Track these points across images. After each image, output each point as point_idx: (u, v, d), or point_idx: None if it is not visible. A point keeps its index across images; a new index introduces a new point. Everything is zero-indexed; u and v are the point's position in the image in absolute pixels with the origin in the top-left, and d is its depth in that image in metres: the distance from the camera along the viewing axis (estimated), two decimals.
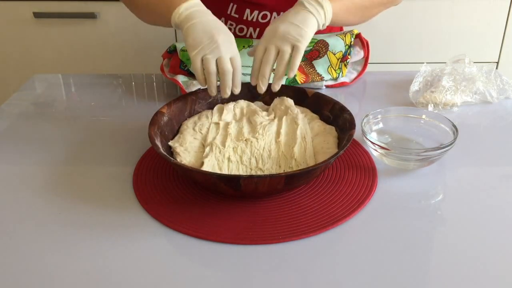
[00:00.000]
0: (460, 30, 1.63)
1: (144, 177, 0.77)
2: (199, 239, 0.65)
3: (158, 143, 0.74)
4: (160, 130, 0.79)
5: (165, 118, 0.81)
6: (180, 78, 1.03)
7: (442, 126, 0.82)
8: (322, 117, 0.86)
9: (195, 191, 0.74)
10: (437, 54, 1.63)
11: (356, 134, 0.76)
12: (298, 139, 0.78)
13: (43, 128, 0.95)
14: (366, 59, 1.12)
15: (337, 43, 1.06)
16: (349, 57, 1.09)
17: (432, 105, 0.97)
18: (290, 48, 0.80)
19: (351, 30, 1.10)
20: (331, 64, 1.07)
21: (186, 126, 0.83)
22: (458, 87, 0.99)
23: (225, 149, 0.76)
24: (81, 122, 0.97)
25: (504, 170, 0.80)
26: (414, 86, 1.01)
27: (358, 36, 1.12)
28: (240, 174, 0.73)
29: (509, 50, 1.66)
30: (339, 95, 1.05)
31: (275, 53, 0.81)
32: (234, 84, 0.80)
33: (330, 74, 1.07)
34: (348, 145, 0.72)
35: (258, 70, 0.82)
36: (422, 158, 0.76)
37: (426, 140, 0.83)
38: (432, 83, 1.01)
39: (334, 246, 0.65)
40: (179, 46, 1.05)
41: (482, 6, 1.59)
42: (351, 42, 1.09)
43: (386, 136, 0.85)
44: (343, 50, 1.07)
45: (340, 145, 0.78)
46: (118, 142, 0.88)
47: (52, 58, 1.69)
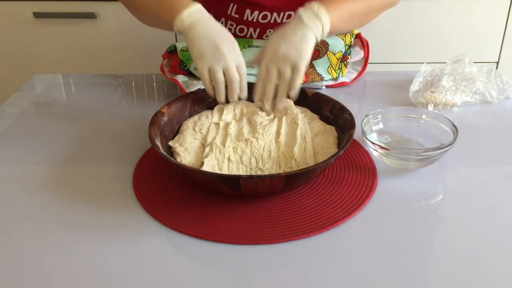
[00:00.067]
0: (460, 30, 1.62)
1: (144, 177, 0.77)
2: (199, 239, 0.65)
3: (158, 143, 0.74)
4: (160, 130, 0.79)
5: (165, 118, 0.81)
6: (180, 78, 1.03)
7: (442, 126, 0.82)
8: (322, 117, 0.86)
9: (195, 191, 0.74)
10: (437, 54, 1.62)
11: (356, 134, 0.76)
12: (298, 139, 0.78)
13: (43, 128, 0.95)
14: (366, 59, 1.12)
15: (337, 43, 1.06)
16: (349, 57, 1.09)
17: (432, 105, 0.97)
18: (290, 68, 0.82)
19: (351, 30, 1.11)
20: (331, 64, 1.06)
21: (186, 126, 0.83)
22: (458, 87, 0.99)
23: (225, 149, 0.76)
24: (81, 122, 0.97)
25: (504, 170, 0.80)
26: (414, 86, 1.01)
27: (358, 36, 1.12)
28: (240, 174, 0.73)
29: (509, 50, 1.66)
30: (339, 95, 1.05)
31: (277, 73, 0.82)
32: (240, 89, 0.84)
33: (330, 74, 1.07)
34: (348, 145, 0.72)
35: (261, 91, 0.85)
36: (422, 158, 0.76)
37: (426, 140, 0.83)
38: (432, 83, 1.01)
39: (334, 246, 0.65)
40: (179, 46, 1.05)
41: (482, 6, 1.59)
42: (351, 42, 1.09)
43: (386, 136, 0.85)
44: (343, 50, 1.07)
45: (340, 145, 0.78)
46: (118, 142, 0.88)
47: (52, 58, 1.69)
